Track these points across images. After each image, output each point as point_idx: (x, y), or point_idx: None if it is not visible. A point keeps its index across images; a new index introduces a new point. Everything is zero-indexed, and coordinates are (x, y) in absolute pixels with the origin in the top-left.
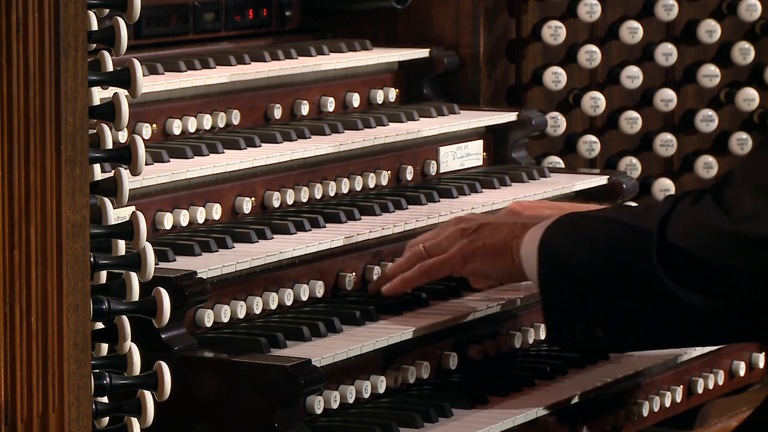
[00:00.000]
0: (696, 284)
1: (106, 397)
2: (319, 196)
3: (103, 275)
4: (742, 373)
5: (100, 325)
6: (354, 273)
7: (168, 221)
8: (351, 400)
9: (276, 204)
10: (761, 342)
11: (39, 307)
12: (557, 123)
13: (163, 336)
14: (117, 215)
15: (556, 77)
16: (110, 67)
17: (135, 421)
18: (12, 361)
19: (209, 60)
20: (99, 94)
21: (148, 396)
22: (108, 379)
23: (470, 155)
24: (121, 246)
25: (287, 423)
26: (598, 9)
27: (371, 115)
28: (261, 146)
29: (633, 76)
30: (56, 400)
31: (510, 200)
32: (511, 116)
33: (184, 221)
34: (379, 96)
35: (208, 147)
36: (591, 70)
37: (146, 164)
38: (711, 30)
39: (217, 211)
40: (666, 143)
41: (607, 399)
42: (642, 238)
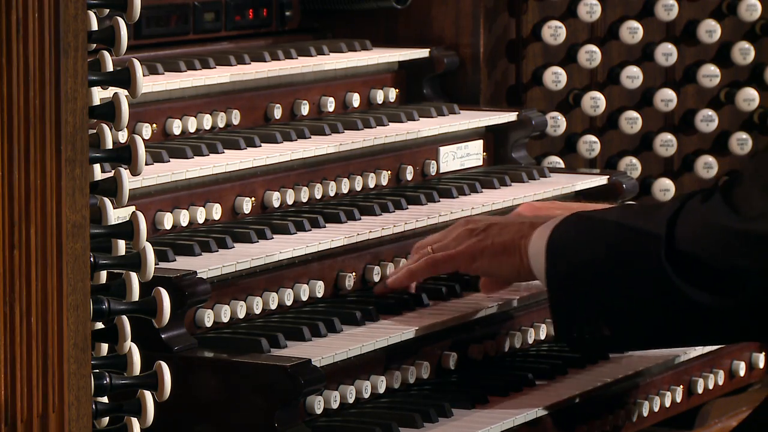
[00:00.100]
0: (704, 283)
1: (106, 397)
2: (319, 196)
3: (103, 275)
4: (742, 373)
5: (100, 325)
6: (354, 273)
7: (168, 221)
8: (351, 400)
9: (276, 204)
10: None
11: (39, 307)
12: (557, 123)
13: (163, 336)
14: (117, 215)
15: (556, 77)
16: (110, 67)
17: (135, 421)
18: (12, 361)
19: (209, 60)
20: (99, 94)
21: (148, 396)
22: (108, 379)
23: (470, 155)
24: (121, 246)
25: (287, 423)
26: (598, 9)
27: (371, 115)
28: (261, 146)
29: (633, 76)
30: (56, 400)
31: (510, 200)
32: (511, 116)
33: (184, 221)
34: (379, 96)
35: (208, 147)
36: (591, 70)
37: (146, 164)
38: (711, 30)
39: (217, 211)
40: (666, 143)
41: (607, 399)
42: (650, 238)
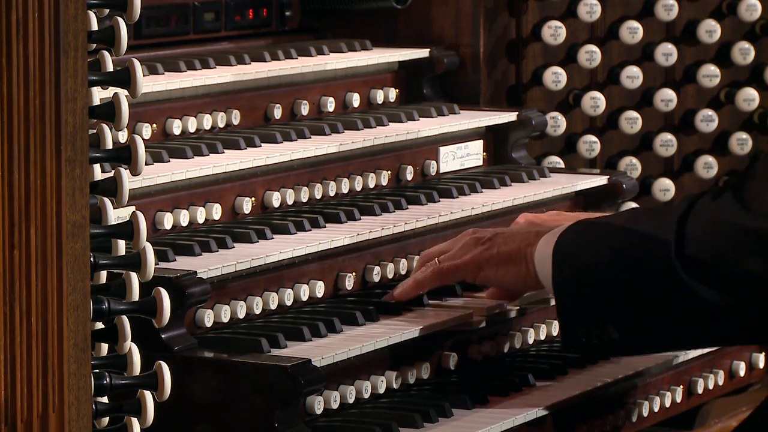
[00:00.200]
0: (715, 281)
1: (106, 397)
2: (319, 196)
3: (103, 275)
4: (742, 373)
5: (100, 325)
6: (354, 273)
7: (168, 221)
8: (351, 400)
9: (276, 204)
10: None
11: (39, 307)
12: (557, 123)
13: (163, 336)
14: (117, 215)
15: (556, 77)
16: (110, 67)
17: (135, 421)
18: (12, 361)
19: (209, 60)
20: (99, 94)
21: (148, 396)
22: (108, 379)
23: (470, 155)
24: (121, 246)
25: (287, 423)
26: (598, 9)
27: (371, 115)
28: (261, 146)
29: (633, 76)
30: (56, 400)
31: (510, 200)
32: (511, 116)
33: (184, 221)
34: (379, 96)
35: (208, 147)
36: (591, 70)
37: (146, 164)
38: (711, 30)
39: (217, 211)
40: (666, 143)
41: (607, 399)
42: (659, 238)
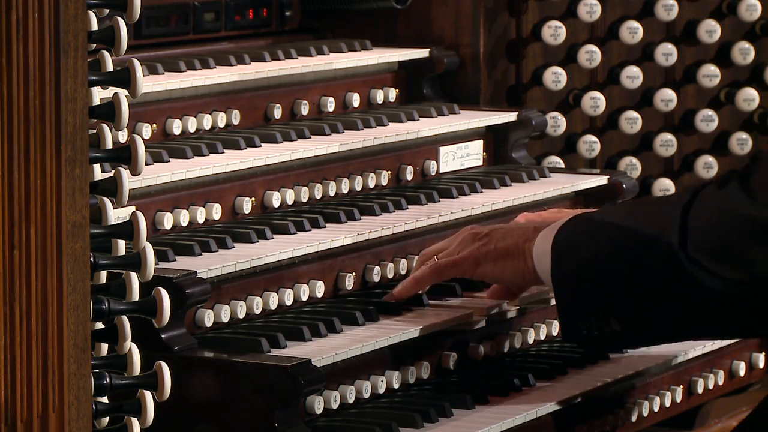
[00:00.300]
0: (719, 269)
1: (106, 397)
2: (319, 196)
3: (103, 275)
4: (742, 373)
5: (100, 325)
6: (354, 273)
7: (168, 221)
8: (351, 400)
9: (276, 204)
10: None
11: (39, 307)
12: (557, 123)
13: (163, 336)
14: (117, 215)
15: (556, 77)
16: (110, 67)
17: (135, 421)
18: (12, 361)
19: (209, 60)
20: (99, 94)
21: (148, 396)
22: (108, 379)
23: (470, 155)
24: (121, 246)
25: (287, 423)
26: (598, 9)
27: (371, 115)
28: (261, 146)
29: (633, 76)
30: (56, 400)
31: (510, 200)
32: (511, 116)
33: (184, 221)
34: (379, 96)
35: (208, 147)
36: (591, 70)
37: (146, 164)
38: (711, 30)
39: (217, 211)
40: (666, 143)
41: (607, 399)
42: (663, 227)
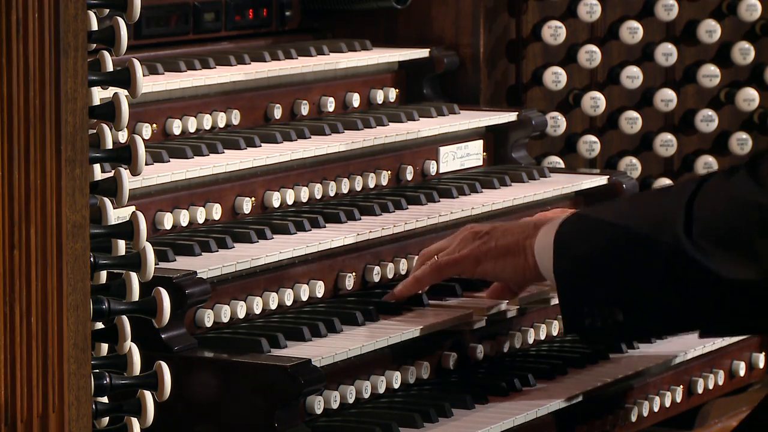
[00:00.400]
0: (726, 257)
1: (106, 397)
2: (319, 196)
3: (103, 275)
4: (742, 373)
5: (100, 325)
6: (354, 273)
7: (168, 221)
8: (351, 400)
9: (276, 204)
10: None
11: (39, 307)
12: (557, 123)
13: (163, 336)
14: (117, 215)
15: (556, 77)
16: (110, 67)
17: (135, 421)
18: (12, 361)
19: (209, 60)
20: (99, 94)
21: (148, 396)
22: (108, 379)
23: (470, 155)
24: (121, 246)
25: (287, 423)
26: (598, 9)
27: (371, 115)
28: (261, 146)
29: (633, 76)
30: (56, 400)
31: (510, 200)
32: (511, 116)
33: (184, 221)
34: (379, 96)
35: (208, 147)
36: (591, 70)
37: (146, 164)
38: (711, 30)
39: (217, 211)
40: (666, 143)
41: (607, 399)
42: (668, 215)
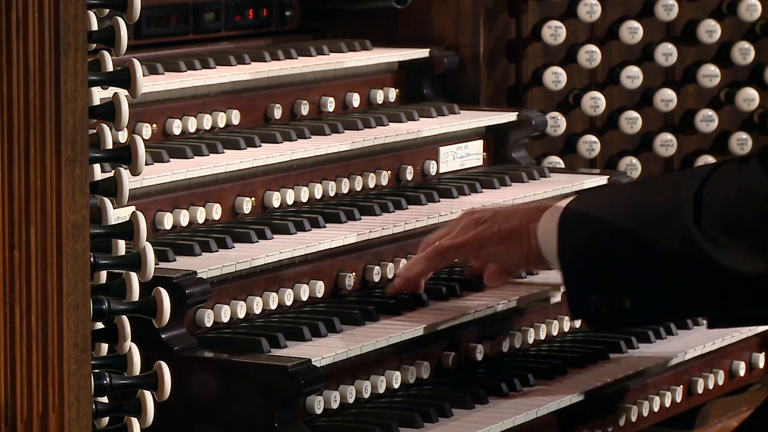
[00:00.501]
0: (734, 246)
1: (106, 397)
2: (319, 196)
3: (103, 275)
4: (742, 373)
5: (100, 325)
6: (354, 273)
7: (168, 221)
8: (351, 400)
9: (276, 204)
10: None
11: (39, 307)
12: (557, 123)
13: (163, 336)
14: (117, 215)
15: (556, 77)
16: (110, 67)
17: (135, 421)
18: (12, 361)
19: (209, 60)
20: (99, 94)
21: (148, 396)
22: (108, 379)
23: (470, 155)
24: (121, 246)
25: (287, 423)
26: (598, 9)
27: (371, 115)
28: (261, 146)
29: (633, 76)
30: (56, 400)
31: (510, 200)
32: (511, 116)
33: (184, 221)
34: (379, 96)
35: (208, 147)
36: (591, 70)
37: (146, 164)
38: (711, 30)
39: (217, 211)
40: (666, 143)
41: (607, 399)
42: (675, 202)
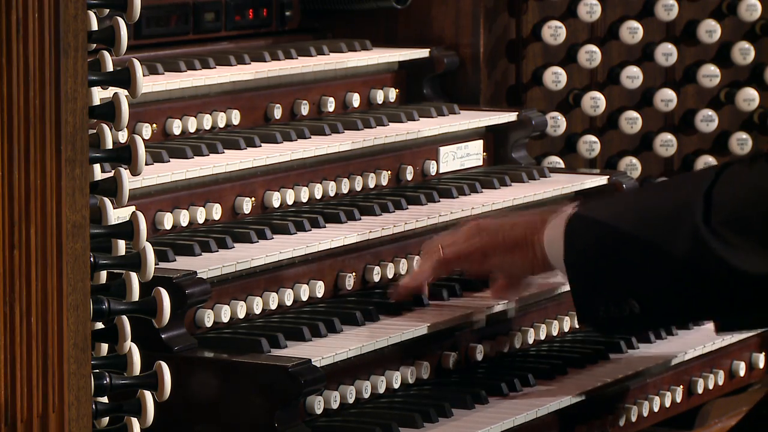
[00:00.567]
0: (745, 246)
1: (106, 397)
2: (319, 196)
3: (103, 275)
4: (742, 373)
5: (100, 325)
6: (354, 273)
7: (168, 221)
8: (351, 400)
9: (276, 204)
10: None
11: (39, 307)
12: (557, 123)
13: (163, 336)
14: (117, 215)
15: (556, 77)
16: (110, 67)
17: (135, 421)
18: (12, 361)
19: (209, 60)
20: (99, 94)
21: (148, 396)
22: (108, 379)
23: (470, 155)
24: (121, 246)
25: (287, 423)
26: (598, 9)
27: (371, 115)
28: (261, 146)
29: (633, 76)
30: (56, 400)
31: (510, 200)
32: (511, 116)
33: (184, 221)
34: (379, 96)
35: (208, 147)
36: (591, 70)
37: (146, 164)
38: (711, 30)
39: (217, 211)
40: (666, 143)
41: (607, 399)
42: (685, 203)
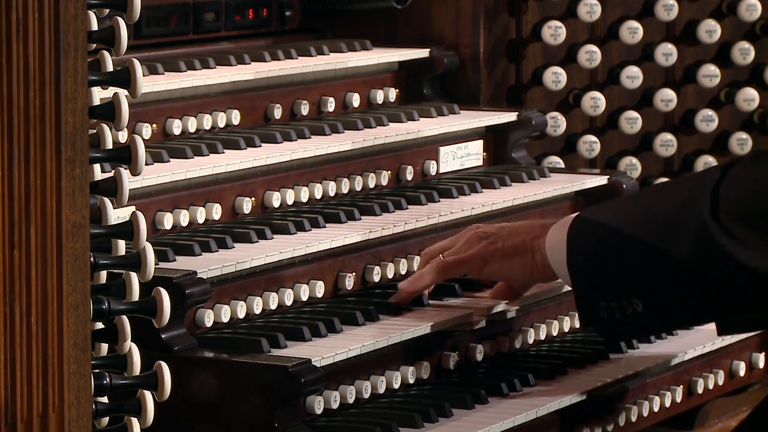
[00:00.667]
0: (753, 241)
1: (106, 397)
2: (319, 196)
3: (103, 275)
4: (742, 373)
5: (100, 325)
6: (354, 273)
7: (168, 221)
8: (351, 400)
9: (276, 204)
10: None
11: (39, 307)
12: (557, 123)
13: (163, 336)
14: (117, 215)
15: (556, 77)
16: (110, 67)
17: (135, 421)
18: (12, 361)
19: (209, 60)
20: (99, 94)
21: (148, 396)
22: (108, 379)
23: (470, 155)
24: (121, 246)
25: (287, 423)
26: (598, 9)
27: (371, 115)
28: (261, 146)
29: (633, 76)
30: (56, 400)
31: (510, 200)
32: (511, 116)
33: (184, 221)
34: (379, 96)
35: (208, 147)
36: (591, 70)
37: (146, 164)
38: (711, 30)
39: (217, 211)
40: (666, 143)
41: (607, 399)
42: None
